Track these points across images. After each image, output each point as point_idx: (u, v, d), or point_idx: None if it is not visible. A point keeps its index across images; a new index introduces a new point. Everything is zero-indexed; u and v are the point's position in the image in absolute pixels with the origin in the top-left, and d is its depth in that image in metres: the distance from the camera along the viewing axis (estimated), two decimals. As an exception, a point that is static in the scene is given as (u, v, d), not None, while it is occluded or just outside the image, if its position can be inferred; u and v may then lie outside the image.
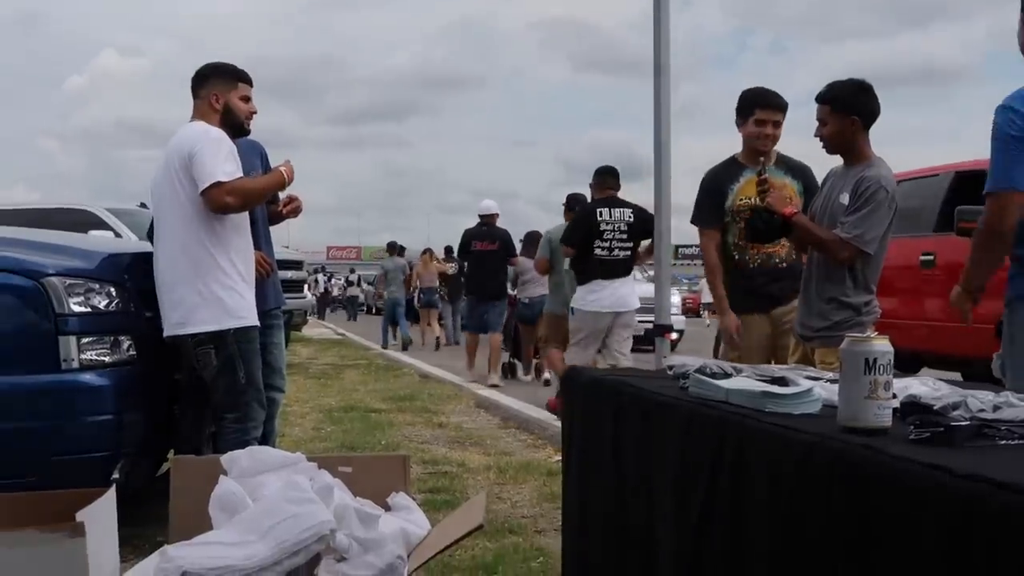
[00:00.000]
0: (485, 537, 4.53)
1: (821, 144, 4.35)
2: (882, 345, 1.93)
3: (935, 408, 1.90)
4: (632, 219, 8.31)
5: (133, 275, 4.52)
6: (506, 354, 13.43)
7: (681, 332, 18.66)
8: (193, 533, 3.32)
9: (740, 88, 5.18)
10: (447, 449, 7.29)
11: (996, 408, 1.94)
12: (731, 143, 4.83)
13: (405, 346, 19.70)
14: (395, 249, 21.92)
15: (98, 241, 6.00)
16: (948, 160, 9.93)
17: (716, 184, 5.08)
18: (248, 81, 4.76)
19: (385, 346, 19.80)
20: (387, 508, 3.64)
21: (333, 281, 47.15)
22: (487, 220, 12.87)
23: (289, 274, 13.80)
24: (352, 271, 48.14)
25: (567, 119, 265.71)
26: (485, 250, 12.59)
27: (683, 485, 2.40)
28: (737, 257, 5.04)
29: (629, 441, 2.82)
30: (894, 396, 1.98)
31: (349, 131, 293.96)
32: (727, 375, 2.62)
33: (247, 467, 3.59)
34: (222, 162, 4.35)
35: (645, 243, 8.33)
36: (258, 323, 4.58)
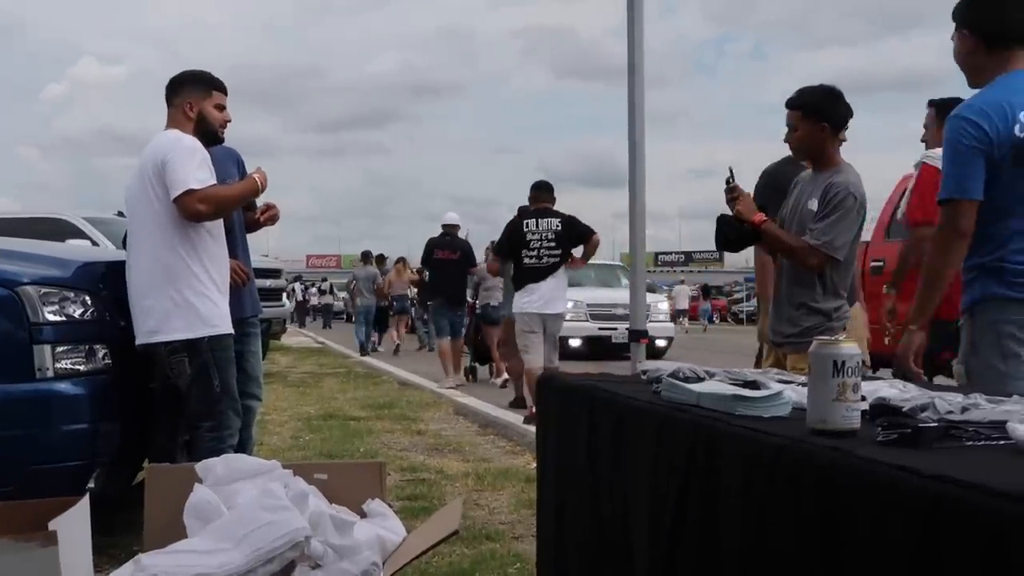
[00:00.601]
0: (462, 543, 4.53)
1: (791, 150, 4.38)
2: (850, 348, 1.94)
3: (903, 410, 1.92)
4: (560, 227, 9.03)
5: (108, 284, 4.50)
6: (467, 358, 14.21)
7: (670, 339, 18.88)
8: (168, 541, 3.31)
9: (721, 95, 5.12)
10: (425, 456, 7.29)
11: (964, 410, 1.95)
12: (714, 149, 4.75)
13: (364, 351, 20.36)
14: (368, 258, 22.67)
15: (73, 250, 5.97)
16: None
17: (783, 183, 4.83)
18: (222, 89, 4.76)
19: (363, 353, 20.32)
20: (362, 515, 3.64)
21: (311, 291, 47.24)
22: (449, 230, 13.54)
23: (268, 282, 13.79)
24: (324, 280, 48.21)
25: (549, 126, 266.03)
26: (447, 259, 13.24)
27: (657, 489, 2.41)
28: None
29: (603, 446, 2.82)
30: (863, 398, 2.00)
31: (330, 139, 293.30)
32: (699, 379, 2.63)
33: (222, 475, 3.58)
34: (194, 169, 4.34)
35: (578, 250, 9.19)
36: (232, 331, 4.57)
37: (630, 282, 6.07)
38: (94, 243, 10.22)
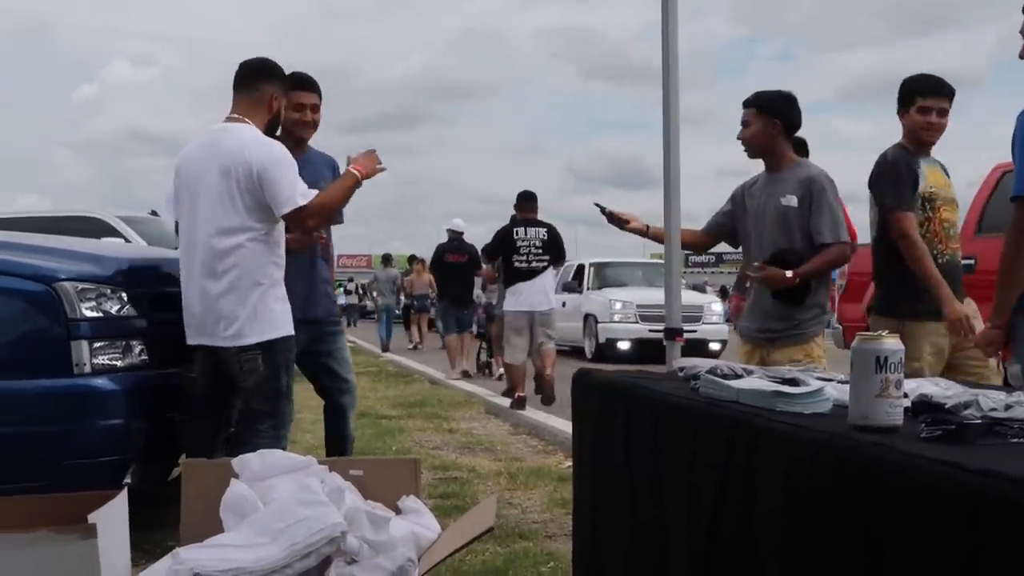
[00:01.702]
0: (495, 542, 4.53)
1: (743, 147, 4.59)
2: (893, 343, 1.93)
3: (946, 407, 1.90)
4: (547, 237, 10.15)
5: (145, 280, 4.52)
6: (483, 352, 15.46)
7: (724, 342, 17.82)
8: (204, 536, 3.33)
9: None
10: (457, 455, 7.30)
11: (1008, 407, 1.94)
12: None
13: (385, 348, 21.58)
14: (389, 260, 24.86)
15: (110, 247, 6.00)
16: (962, 167, 9.74)
17: (909, 166, 4.59)
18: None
19: (385, 349, 21.51)
20: (397, 511, 3.64)
21: (338, 291, 47.58)
22: (456, 236, 14.70)
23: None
24: (351, 280, 48.60)
25: (577, 128, 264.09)
26: (456, 262, 14.39)
27: (694, 486, 2.40)
28: None
29: (640, 443, 2.82)
30: (905, 395, 1.98)
31: (359, 139, 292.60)
32: (738, 376, 2.62)
33: (258, 471, 3.59)
34: (296, 182, 4.22)
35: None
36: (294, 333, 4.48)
37: (665, 279, 6.08)
38: (128, 241, 10.31)
